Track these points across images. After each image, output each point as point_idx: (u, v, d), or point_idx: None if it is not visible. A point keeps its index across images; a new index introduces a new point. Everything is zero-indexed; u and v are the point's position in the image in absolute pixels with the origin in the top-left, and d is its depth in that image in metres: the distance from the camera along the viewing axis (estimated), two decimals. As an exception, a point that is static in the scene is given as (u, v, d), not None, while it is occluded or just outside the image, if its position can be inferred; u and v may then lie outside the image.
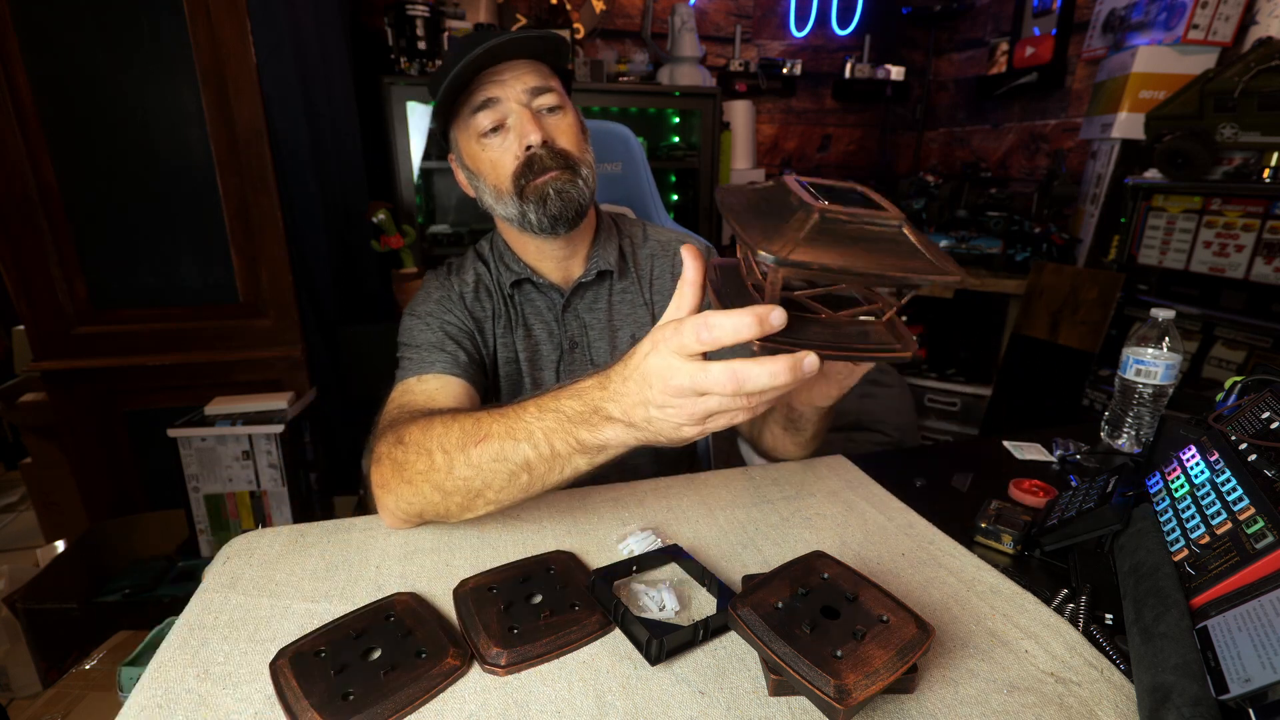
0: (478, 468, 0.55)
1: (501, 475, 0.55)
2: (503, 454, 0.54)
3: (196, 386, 1.56)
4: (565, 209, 0.76)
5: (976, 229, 2.39)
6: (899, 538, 0.64)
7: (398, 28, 2.05)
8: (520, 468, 0.54)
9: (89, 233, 1.45)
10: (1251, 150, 1.66)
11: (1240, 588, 0.44)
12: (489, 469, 0.55)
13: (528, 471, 0.54)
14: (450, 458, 0.56)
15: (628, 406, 0.47)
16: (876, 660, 0.41)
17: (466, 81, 0.74)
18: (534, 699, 0.45)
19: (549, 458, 0.53)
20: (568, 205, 0.76)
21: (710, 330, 0.42)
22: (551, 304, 0.86)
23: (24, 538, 2.00)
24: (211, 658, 0.48)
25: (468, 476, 0.56)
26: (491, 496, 0.57)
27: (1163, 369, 0.82)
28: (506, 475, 0.55)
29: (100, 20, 1.34)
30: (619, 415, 0.48)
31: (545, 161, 0.74)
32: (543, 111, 0.76)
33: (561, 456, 0.52)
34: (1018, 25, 2.48)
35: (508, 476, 0.55)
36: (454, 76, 0.71)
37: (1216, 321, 1.67)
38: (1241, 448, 0.53)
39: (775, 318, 0.41)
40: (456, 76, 0.71)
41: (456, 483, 0.57)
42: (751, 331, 0.41)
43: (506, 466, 0.54)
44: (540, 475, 0.54)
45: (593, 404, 0.50)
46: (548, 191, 0.75)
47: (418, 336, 0.79)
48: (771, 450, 0.83)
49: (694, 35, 2.43)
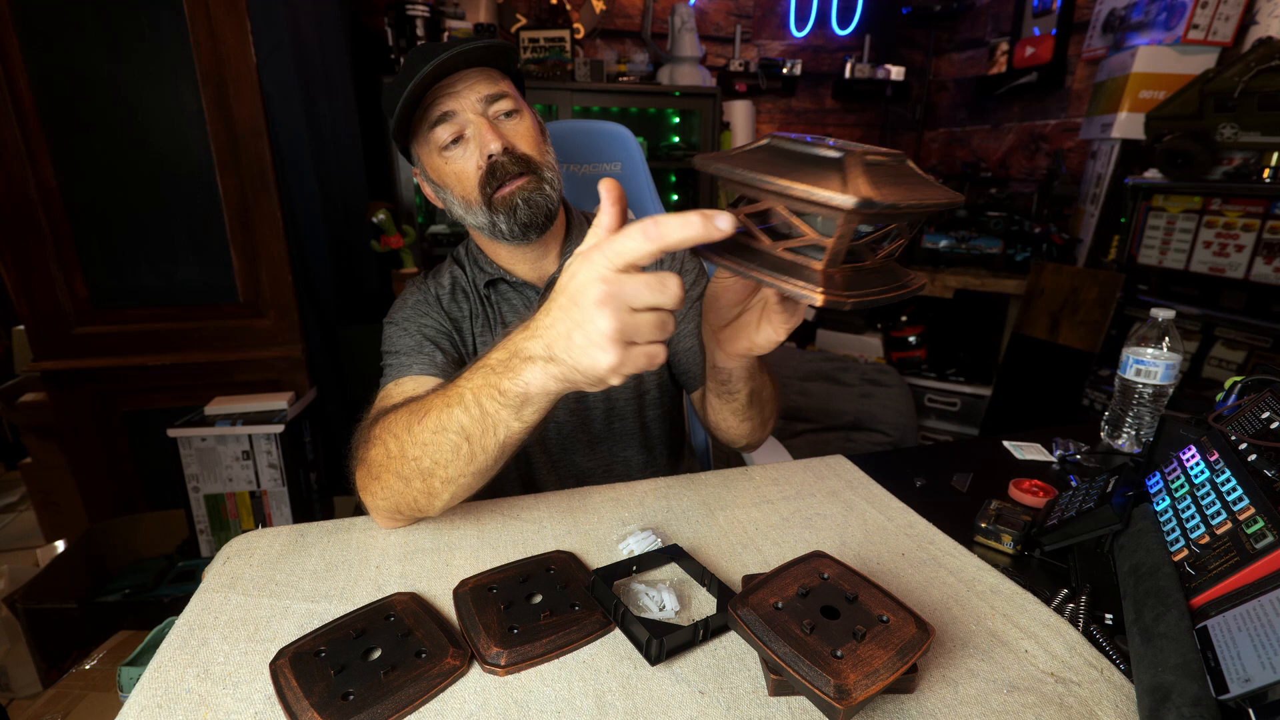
0: (423, 445, 0.55)
1: (445, 449, 0.54)
2: (441, 424, 0.53)
3: (196, 386, 1.56)
4: (535, 216, 0.77)
5: (976, 229, 2.39)
6: (899, 538, 0.64)
7: (398, 28, 2.05)
8: (459, 437, 0.53)
9: (89, 233, 1.45)
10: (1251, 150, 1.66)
11: (1240, 588, 0.44)
12: (432, 443, 0.54)
13: (466, 439, 0.53)
14: (400, 442, 0.56)
15: (551, 338, 0.45)
16: (876, 660, 0.41)
17: (419, 97, 0.74)
18: (534, 699, 0.45)
19: (480, 419, 0.51)
20: (537, 212, 0.77)
21: (659, 225, 0.41)
22: (527, 301, 0.86)
23: (24, 538, 2.00)
24: (211, 658, 0.48)
25: (417, 456, 0.56)
26: (444, 474, 0.56)
27: (1163, 369, 0.82)
28: (450, 448, 0.54)
29: (100, 20, 1.34)
30: (540, 351, 0.46)
31: (508, 167, 0.75)
32: (500, 118, 0.77)
33: (490, 415, 0.51)
34: (1018, 25, 2.48)
35: (451, 450, 0.54)
36: (407, 96, 0.71)
37: (1216, 321, 1.67)
38: (1241, 448, 0.53)
39: (722, 221, 0.40)
40: (410, 95, 0.71)
41: (410, 466, 0.56)
42: (698, 230, 0.41)
43: (447, 438, 0.53)
44: (478, 440, 0.52)
45: (513, 348, 0.49)
46: (516, 202, 0.75)
47: (396, 343, 0.80)
48: (716, 428, 0.82)
49: (694, 35, 2.43)
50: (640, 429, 0.91)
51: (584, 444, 0.89)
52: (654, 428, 0.93)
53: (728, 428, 0.80)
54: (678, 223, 0.41)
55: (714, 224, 0.41)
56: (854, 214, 0.37)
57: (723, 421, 0.79)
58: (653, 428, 0.92)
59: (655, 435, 0.93)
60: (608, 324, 0.42)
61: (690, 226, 0.41)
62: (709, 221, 0.41)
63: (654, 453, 0.94)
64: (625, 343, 0.43)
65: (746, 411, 0.76)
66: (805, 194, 0.38)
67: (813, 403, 2.29)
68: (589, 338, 0.43)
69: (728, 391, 0.73)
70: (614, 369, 0.44)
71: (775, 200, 0.41)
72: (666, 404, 0.93)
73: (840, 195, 0.36)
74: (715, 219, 0.41)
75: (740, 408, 0.75)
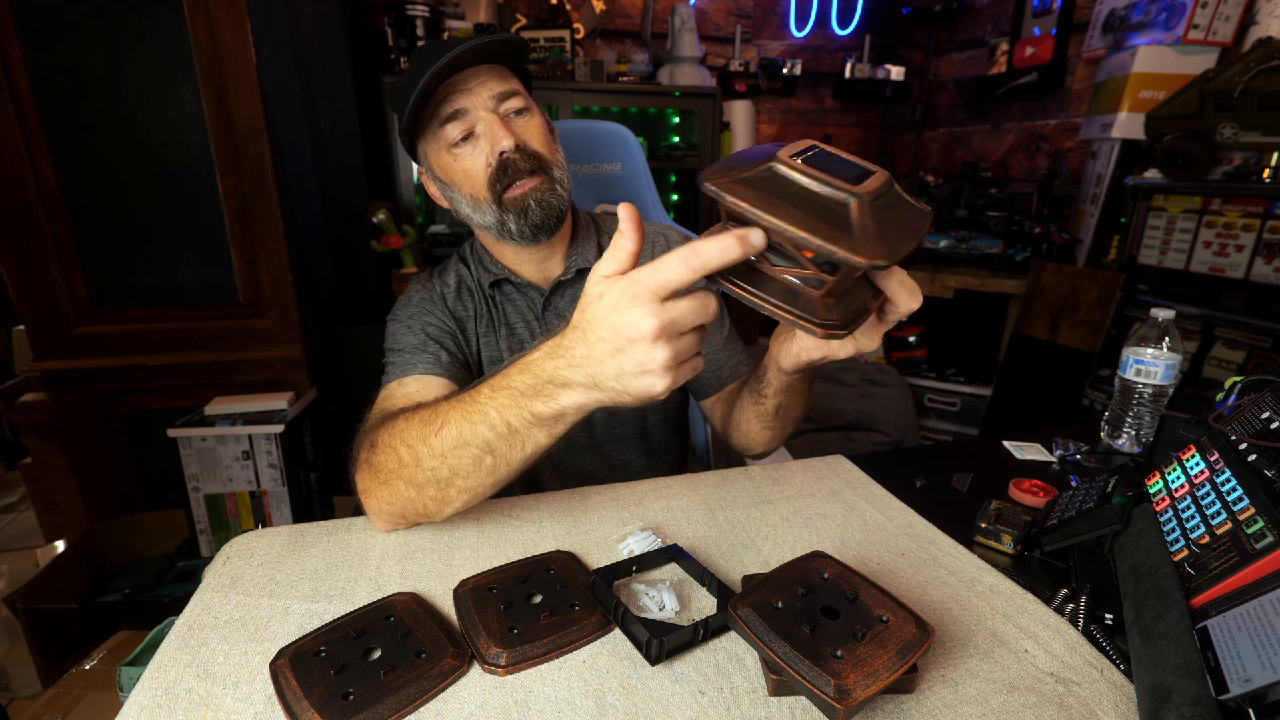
0: (441, 456, 0.55)
1: (466, 460, 0.55)
2: (463, 439, 0.54)
3: (196, 386, 1.56)
4: (547, 218, 0.76)
5: (976, 229, 2.39)
6: (899, 538, 0.64)
7: (398, 28, 2.05)
8: (482, 450, 0.54)
9: (89, 233, 1.44)
10: (1251, 150, 1.66)
11: (1240, 588, 0.44)
12: (453, 456, 0.55)
13: (490, 453, 0.54)
14: (414, 451, 0.57)
15: (595, 370, 0.46)
16: (876, 660, 0.41)
17: (430, 94, 0.73)
18: (534, 699, 0.45)
19: (507, 435, 0.52)
20: (549, 214, 0.76)
21: (698, 254, 0.42)
22: (531, 303, 0.86)
23: (24, 538, 2.00)
24: (211, 658, 0.48)
25: (434, 467, 0.56)
26: (461, 484, 0.57)
27: (1163, 369, 0.82)
28: (471, 460, 0.55)
29: (100, 20, 1.34)
30: (580, 380, 0.47)
31: (519, 165, 0.74)
32: (510, 115, 0.76)
33: (519, 432, 0.52)
34: (1018, 25, 2.48)
35: (472, 461, 0.55)
36: (420, 91, 0.70)
37: (1216, 321, 1.67)
38: (1241, 448, 0.53)
39: (755, 238, 0.41)
40: (422, 91, 0.70)
41: (425, 474, 0.57)
42: (736, 253, 0.41)
43: (470, 451, 0.54)
44: (503, 455, 0.54)
45: (545, 375, 0.49)
46: (528, 203, 0.75)
47: (399, 340, 0.79)
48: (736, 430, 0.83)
49: (694, 35, 2.43)
50: (641, 434, 0.91)
51: (586, 448, 0.89)
52: (655, 432, 0.92)
53: (748, 429, 0.80)
54: (716, 249, 0.42)
55: (750, 243, 0.41)
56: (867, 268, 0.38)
57: (745, 422, 0.80)
58: (654, 432, 0.92)
59: (657, 439, 0.93)
60: (664, 354, 0.44)
61: (728, 251, 0.42)
62: (745, 242, 0.41)
63: (655, 456, 0.94)
64: (677, 366, 0.45)
65: (771, 420, 0.77)
66: (821, 248, 0.38)
67: (813, 402, 2.29)
68: (644, 367, 0.45)
69: (761, 396, 0.74)
70: (667, 390, 0.46)
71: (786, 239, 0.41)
72: (670, 410, 0.93)
73: (856, 257, 0.37)
74: (750, 238, 0.41)
75: (766, 414, 0.76)
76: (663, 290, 0.43)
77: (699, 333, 0.46)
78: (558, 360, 0.48)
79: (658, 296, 0.43)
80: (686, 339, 0.45)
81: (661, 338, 0.43)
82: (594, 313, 0.46)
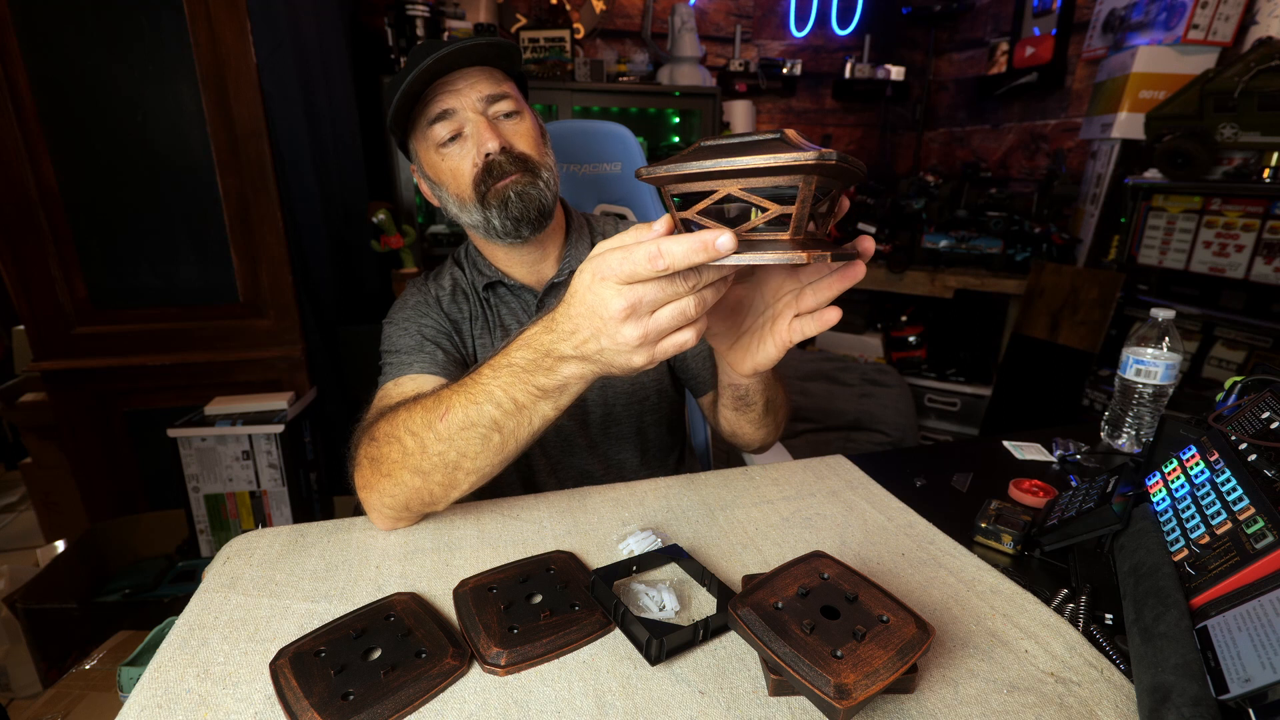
0: (449, 440, 0.56)
1: (474, 441, 0.55)
2: (469, 419, 0.55)
3: (196, 386, 1.56)
4: (527, 209, 0.76)
5: (976, 229, 2.39)
6: (899, 538, 0.64)
7: (398, 28, 2.05)
8: (490, 429, 0.55)
9: (89, 233, 1.44)
10: (1251, 150, 1.66)
11: (1240, 588, 0.44)
12: (460, 438, 0.56)
13: (498, 431, 0.55)
14: (420, 438, 0.57)
15: (580, 342, 0.48)
16: (876, 660, 0.41)
17: (420, 93, 0.74)
18: (534, 699, 0.45)
19: (514, 411, 0.54)
20: (529, 206, 0.76)
21: (664, 257, 0.42)
22: (525, 305, 0.86)
23: (24, 538, 2.00)
24: (211, 658, 0.48)
25: (441, 451, 0.57)
26: (469, 466, 0.57)
27: (1163, 369, 0.82)
28: (479, 440, 0.55)
29: (100, 20, 1.34)
30: (572, 352, 0.49)
31: (504, 166, 0.75)
32: (499, 118, 0.77)
33: (526, 407, 0.53)
34: (1018, 25, 2.48)
35: (480, 441, 0.55)
36: (405, 89, 0.71)
37: (1216, 321, 1.67)
38: (1241, 448, 0.53)
39: (724, 242, 0.41)
40: (408, 89, 0.71)
41: (433, 460, 0.57)
42: (701, 259, 0.42)
43: (477, 431, 0.55)
44: (511, 431, 0.55)
45: (543, 348, 0.51)
46: (508, 195, 0.75)
47: (396, 342, 0.80)
48: (733, 436, 0.83)
49: (694, 35, 2.43)
50: (637, 433, 0.91)
51: (583, 447, 0.89)
52: (650, 433, 0.92)
53: (746, 436, 0.81)
54: (682, 252, 0.42)
55: (715, 247, 0.41)
56: (818, 166, 0.39)
57: (740, 431, 0.80)
58: (649, 433, 0.92)
59: (652, 439, 0.93)
60: (634, 331, 0.45)
61: (695, 254, 0.42)
62: (711, 247, 0.41)
63: (651, 456, 0.94)
64: (653, 342, 0.46)
65: (763, 420, 0.77)
66: (771, 162, 0.39)
67: (813, 403, 2.29)
68: (617, 345, 0.46)
69: (746, 405, 0.74)
70: (647, 363, 0.48)
71: (734, 182, 0.43)
72: (665, 409, 0.93)
73: (803, 154, 0.39)
74: (717, 242, 0.41)
75: (757, 417, 0.77)
76: (626, 279, 0.44)
77: (676, 307, 0.45)
78: (553, 334, 0.50)
79: (621, 280, 0.44)
80: (663, 314, 0.45)
81: (631, 317, 0.45)
82: (574, 288, 0.48)
